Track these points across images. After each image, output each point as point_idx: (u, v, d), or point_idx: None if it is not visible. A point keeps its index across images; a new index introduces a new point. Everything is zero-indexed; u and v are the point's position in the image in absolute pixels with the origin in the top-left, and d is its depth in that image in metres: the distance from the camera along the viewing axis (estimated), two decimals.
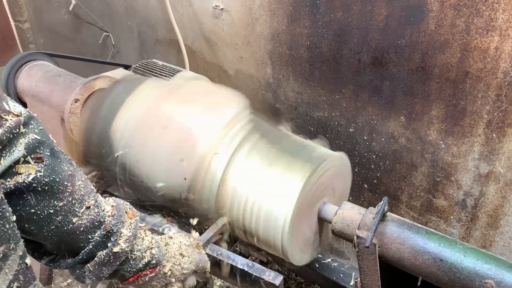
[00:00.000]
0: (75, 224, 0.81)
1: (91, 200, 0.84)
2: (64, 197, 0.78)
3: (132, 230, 0.90)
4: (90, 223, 0.83)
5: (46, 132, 0.77)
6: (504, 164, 1.45)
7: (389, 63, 1.55)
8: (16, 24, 3.14)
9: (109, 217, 0.87)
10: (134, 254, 0.91)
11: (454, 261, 1.07)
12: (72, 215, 0.80)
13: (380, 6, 1.48)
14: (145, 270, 0.93)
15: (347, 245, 2.10)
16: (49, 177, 0.75)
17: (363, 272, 1.16)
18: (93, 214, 0.84)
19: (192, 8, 2.05)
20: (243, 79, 2.06)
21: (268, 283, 1.08)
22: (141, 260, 0.92)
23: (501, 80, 1.35)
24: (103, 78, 1.69)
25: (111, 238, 0.86)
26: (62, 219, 0.79)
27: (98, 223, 0.85)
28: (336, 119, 1.81)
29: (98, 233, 0.85)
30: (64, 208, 0.79)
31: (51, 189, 0.76)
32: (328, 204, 1.33)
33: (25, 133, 0.72)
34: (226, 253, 1.15)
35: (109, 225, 0.86)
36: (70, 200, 0.79)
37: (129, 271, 0.91)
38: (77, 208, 0.81)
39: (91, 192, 0.86)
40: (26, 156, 0.72)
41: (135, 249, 0.91)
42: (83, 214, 0.82)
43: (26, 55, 1.87)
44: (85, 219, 0.82)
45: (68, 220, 0.80)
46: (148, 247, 0.94)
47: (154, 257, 0.94)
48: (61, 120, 1.69)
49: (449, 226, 1.69)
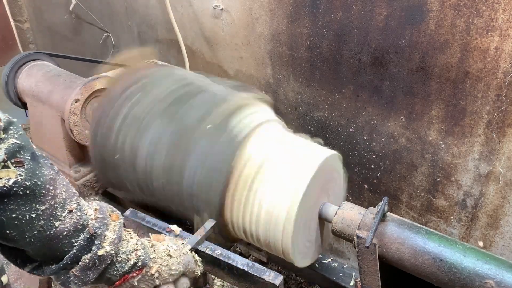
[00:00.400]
0: (57, 228, 0.80)
1: (73, 203, 0.84)
2: (46, 201, 0.78)
3: (117, 232, 0.90)
4: (73, 226, 0.83)
5: (26, 137, 0.77)
6: (504, 164, 1.45)
7: (389, 63, 1.55)
8: (16, 24, 3.14)
9: (92, 220, 0.87)
10: (120, 256, 0.90)
11: (454, 261, 1.07)
12: (54, 219, 0.80)
13: (380, 6, 1.48)
14: (132, 272, 0.92)
15: (347, 245, 2.10)
16: (30, 180, 0.75)
17: (363, 272, 1.16)
18: (76, 217, 0.83)
19: (192, 8, 2.05)
20: (243, 79, 2.06)
21: (268, 283, 1.08)
22: (127, 262, 0.91)
23: (501, 80, 1.35)
24: (103, 78, 1.69)
25: (95, 241, 0.85)
26: (45, 223, 0.78)
27: (81, 226, 0.84)
28: (336, 119, 1.81)
29: (81, 236, 0.84)
30: (46, 212, 0.78)
31: (33, 192, 0.76)
32: (328, 204, 1.33)
33: (4, 139, 0.73)
34: (226, 253, 1.15)
35: (92, 228, 0.85)
36: (52, 204, 0.79)
37: (115, 274, 0.90)
38: (59, 212, 0.81)
39: (73, 195, 0.85)
40: (6, 160, 0.72)
41: (120, 251, 0.90)
42: (65, 218, 0.82)
43: (26, 55, 1.87)
44: (68, 223, 0.82)
45: (50, 224, 0.79)
46: (133, 249, 0.93)
47: (140, 259, 0.93)
48: (61, 120, 1.69)
49: (449, 226, 1.69)
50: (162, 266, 0.98)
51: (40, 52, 1.94)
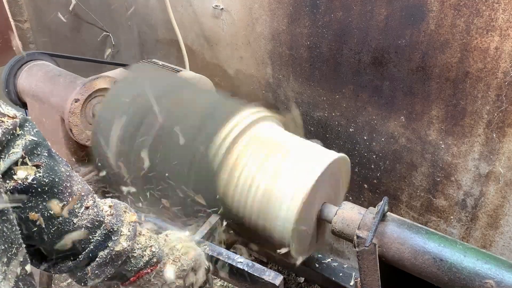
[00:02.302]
0: (75, 225, 0.81)
1: (89, 200, 0.84)
2: (64, 198, 0.78)
3: (132, 228, 0.90)
4: (90, 223, 0.83)
5: (41, 134, 0.77)
6: (504, 164, 1.45)
7: (389, 63, 1.55)
8: (16, 24, 3.14)
9: (108, 216, 0.87)
10: (135, 252, 0.91)
11: (454, 261, 1.07)
12: (72, 216, 0.80)
13: (380, 6, 1.48)
14: (146, 268, 0.93)
15: (347, 245, 2.10)
16: (49, 177, 0.75)
17: (363, 272, 1.16)
18: (93, 214, 0.84)
19: (192, 8, 2.05)
20: (243, 79, 2.06)
21: (268, 283, 1.08)
22: (141, 259, 0.92)
23: (501, 80, 1.35)
24: (103, 78, 1.69)
25: (111, 237, 0.86)
26: (63, 220, 0.79)
27: (98, 222, 0.85)
28: (336, 119, 1.81)
29: (98, 233, 0.84)
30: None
31: (51, 189, 0.76)
32: (328, 204, 1.33)
33: (21, 135, 0.72)
34: (226, 253, 1.15)
35: (109, 224, 0.85)
36: (70, 201, 0.79)
37: (130, 270, 0.91)
38: (77, 209, 0.81)
39: (89, 192, 0.85)
40: (24, 157, 0.71)
41: (135, 247, 0.91)
42: (83, 214, 0.82)
43: (26, 55, 1.87)
44: (85, 219, 0.82)
45: (68, 221, 0.80)
46: (148, 245, 0.94)
47: (154, 255, 0.94)
48: (61, 120, 1.69)
49: (449, 226, 1.69)
50: (174, 263, 0.99)
51: (40, 52, 1.94)
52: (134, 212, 0.95)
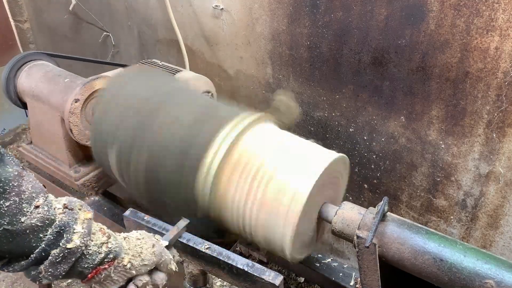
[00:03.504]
0: (24, 223, 0.81)
1: (40, 199, 0.84)
2: (10, 197, 0.79)
3: (86, 226, 0.90)
4: (40, 221, 0.83)
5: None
6: (504, 164, 1.45)
7: (389, 63, 1.55)
8: (16, 24, 3.14)
9: (60, 214, 0.87)
10: (90, 249, 0.91)
11: (454, 261, 1.07)
12: (20, 215, 0.80)
13: (380, 6, 1.48)
14: (103, 264, 0.93)
15: (347, 245, 2.10)
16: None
17: (363, 272, 1.16)
18: (43, 212, 0.84)
19: (192, 8, 2.05)
20: (243, 79, 2.06)
21: (268, 283, 1.08)
22: (98, 255, 0.92)
23: (501, 80, 1.35)
24: (103, 78, 1.69)
25: (63, 235, 0.86)
26: (10, 219, 0.79)
27: (49, 221, 0.85)
28: (336, 119, 1.81)
29: (49, 231, 0.84)
30: (11, 208, 0.79)
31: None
32: (328, 204, 1.32)
33: None
34: (226, 253, 1.15)
35: (60, 222, 0.86)
36: (17, 200, 0.80)
37: (86, 267, 0.91)
38: (26, 208, 0.81)
39: (40, 191, 0.86)
40: None
41: (90, 244, 0.91)
42: (32, 213, 0.82)
43: (26, 55, 1.87)
44: (35, 218, 0.82)
45: (16, 220, 0.80)
46: (104, 241, 0.94)
47: (111, 251, 0.94)
48: (61, 120, 1.69)
49: (449, 226, 1.69)
50: (134, 257, 0.99)
51: (40, 52, 1.94)
52: (90, 210, 0.95)
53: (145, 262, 1.00)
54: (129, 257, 0.98)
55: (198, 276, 1.27)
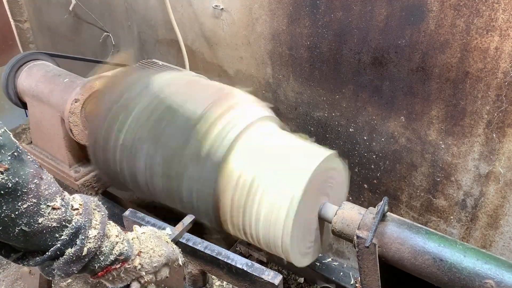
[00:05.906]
0: (41, 224, 0.81)
1: (57, 199, 0.84)
2: (28, 199, 0.78)
3: (100, 227, 0.91)
4: (57, 222, 0.83)
5: (7, 135, 0.76)
6: (504, 164, 1.45)
7: (389, 63, 1.55)
8: (16, 24, 3.15)
9: (76, 215, 0.88)
10: (103, 250, 0.92)
11: (454, 261, 1.07)
12: (38, 216, 0.81)
13: (380, 6, 1.48)
14: (115, 264, 0.95)
15: (347, 245, 2.10)
16: (12, 180, 0.75)
17: (363, 272, 1.16)
18: (60, 213, 0.84)
19: (192, 8, 2.05)
20: (243, 79, 2.06)
21: (268, 282, 1.07)
22: (110, 256, 0.93)
23: (501, 80, 1.35)
24: (103, 78, 1.69)
25: (79, 236, 0.87)
26: (28, 220, 0.79)
27: (66, 222, 0.85)
28: (336, 119, 1.81)
29: (65, 231, 0.85)
30: (29, 210, 0.79)
31: (14, 192, 0.76)
32: (328, 204, 1.32)
33: None
34: (225, 253, 1.15)
35: (76, 224, 0.86)
36: (35, 202, 0.80)
37: (98, 267, 0.92)
38: (43, 209, 0.81)
39: (57, 192, 0.86)
40: None
41: (103, 245, 0.92)
42: (49, 214, 0.82)
43: (26, 55, 1.87)
44: (52, 219, 0.83)
45: (33, 221, 0.80)
46: (116, 243, 0.95)
47: (123, 252, 0.95)
48: (61, 120, 1.69)
49: (449, 226, 1.69)
50: (145, 259, 1.00)
51: (40, 52, 1.94)
52: (104, 210, 0.96)
53: (154, 264, 1.02)
54: (140, 258, 1.00)
55: (198, 276, 1.27)
